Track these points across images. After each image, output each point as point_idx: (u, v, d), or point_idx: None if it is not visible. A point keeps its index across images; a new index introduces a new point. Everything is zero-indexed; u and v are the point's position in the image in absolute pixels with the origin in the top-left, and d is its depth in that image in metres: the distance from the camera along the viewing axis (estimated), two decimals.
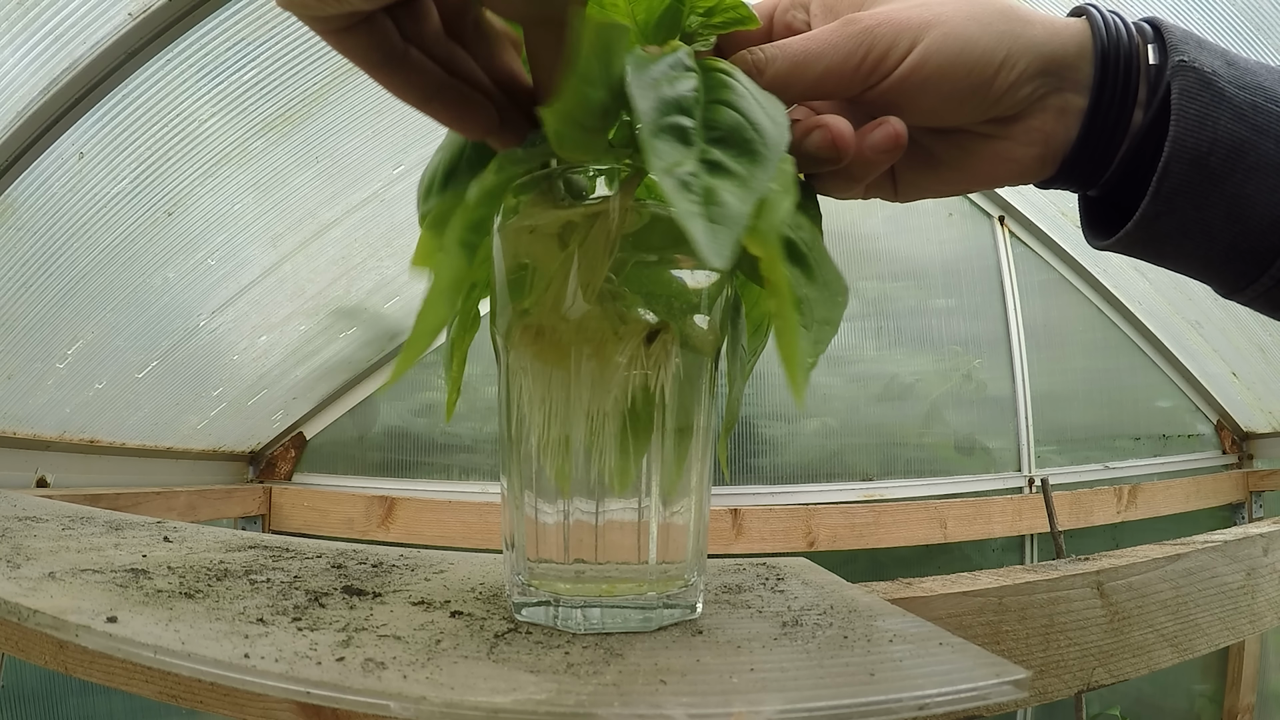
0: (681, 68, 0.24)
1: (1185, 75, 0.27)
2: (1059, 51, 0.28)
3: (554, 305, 0.27)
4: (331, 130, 0.84)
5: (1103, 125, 0.29)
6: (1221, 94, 0.27)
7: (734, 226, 0.20)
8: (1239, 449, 1.63)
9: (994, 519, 1.27)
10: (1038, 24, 0.28)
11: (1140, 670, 0.44)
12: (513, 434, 0.30)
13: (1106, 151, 0.30)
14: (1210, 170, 0.27)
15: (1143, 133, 0.29)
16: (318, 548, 0.44)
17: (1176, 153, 0.27)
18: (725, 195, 0.21)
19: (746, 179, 0.22)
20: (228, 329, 0.96)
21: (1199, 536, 0.52)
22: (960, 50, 0.27)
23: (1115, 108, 0.29)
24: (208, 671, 0.23)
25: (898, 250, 1.38)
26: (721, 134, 0.23)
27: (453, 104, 0.26)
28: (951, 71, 0.27)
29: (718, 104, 0.24)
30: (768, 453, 1.25)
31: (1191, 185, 0.27)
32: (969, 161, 0.31)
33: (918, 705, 0.22)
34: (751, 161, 0.22)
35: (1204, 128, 0.27)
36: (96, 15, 0.62)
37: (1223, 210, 0.27)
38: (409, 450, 1.21)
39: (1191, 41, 0.28)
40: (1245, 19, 0.99)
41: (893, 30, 0.27)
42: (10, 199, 0.68)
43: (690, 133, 0.23)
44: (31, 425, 0.82)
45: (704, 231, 0.20)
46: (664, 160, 0.21)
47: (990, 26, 0.27)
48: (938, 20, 0.27)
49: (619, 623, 0.28)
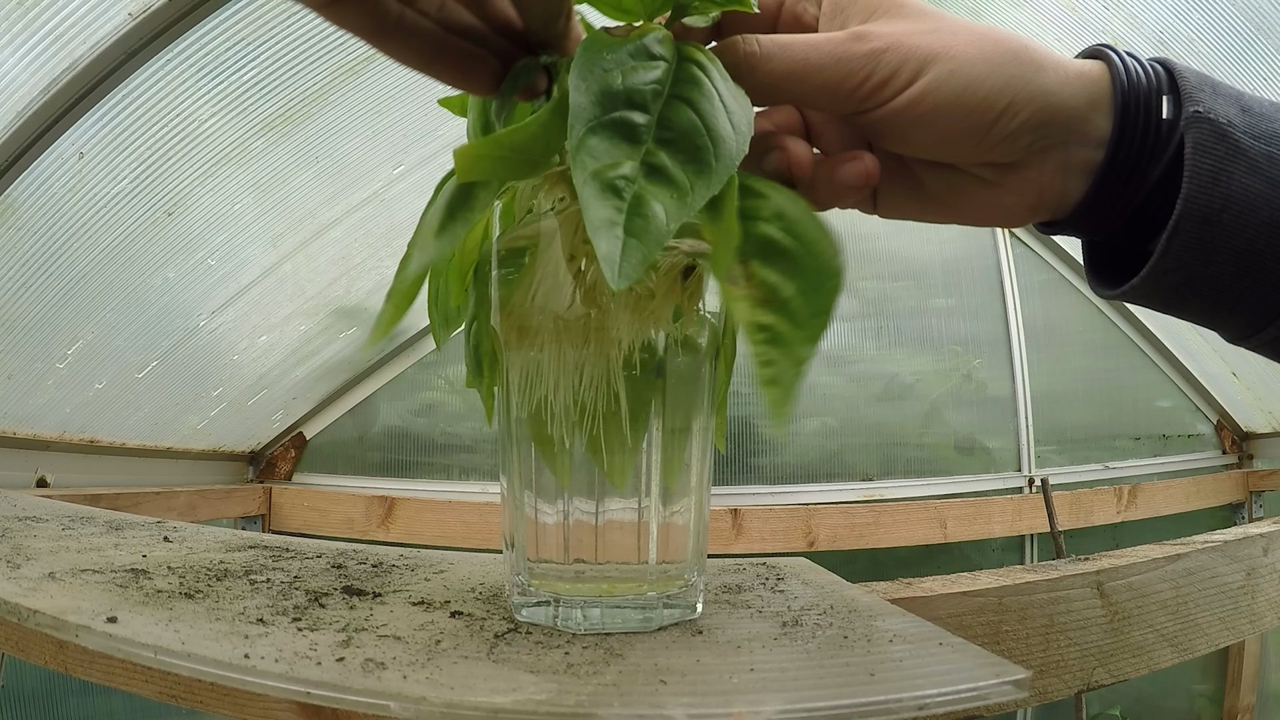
0: (646, 56, 0.23)
1: (1199, 128, 0.26)
2: (1068, 103, 0.27)
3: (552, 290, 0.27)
4: (331, 130, 0.84)
5: (1117, 182, 0.28)
6: (1236, 146, 0.26)
7: (651, 245, 0.19)
8: (1239, 449, 1.63)
9: (994, 519, 1.27)
10: (1050, 70, 0.27)
11: (1140, 670, 0.43)
12: (513, 433, 0.30)
13: (1120, 205, 0.29)
14: (1222, 227, 0.26)
15: (1155, 182, 0.28)
16: (318, 548, 0.44)
17: (1189, 211, 0.26)
18: (654, 207, 0.19)
19: (685, 192, 0.20)
20: (228, 329, 0.96)
21: (1199, 536, 0.52)
22: (963, 90, 0.26)
23: (1131, 166, 0.28)
24: (208, 671, 0.23)
25: (898, 250, 1.38)
26: (674, 135, 0.21)
27: (456, 62, 0.26)
28: (950, 111, 0.26)
29: (679, 100, 0.22)
30: (768, 452, 1.25)
31: (1202, 242, 0.26)
32: (957, 200, 0.30)
33: (918, 705, 0.22)
34: (696, 173, 0.21)
35: (1218, 184, 0.26)
36: (96, 15, 0.62)
37: (1232, 265, 0.26)
38: (409, 450, 1.21)
39: (1206, 87, 0.27)
40: (1245, 19, 0.99)
41: (899, 58, 0.26)
42: (10, 199, 0.68)
43: (640, 130, 0.21)
44: (31, 425, 0.82)
45: (614, 247, 0.18)
46: (597, 161, 0.20)
47: (999, 69, 0.26)
48: (946, 54, 0.26)
49: (619, 623, 0.28)
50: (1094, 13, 1.03)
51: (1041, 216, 0.30)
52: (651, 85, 0.22)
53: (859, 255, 1.36)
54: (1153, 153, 0.27)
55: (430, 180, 0.93)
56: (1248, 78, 1.03)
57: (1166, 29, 1.02)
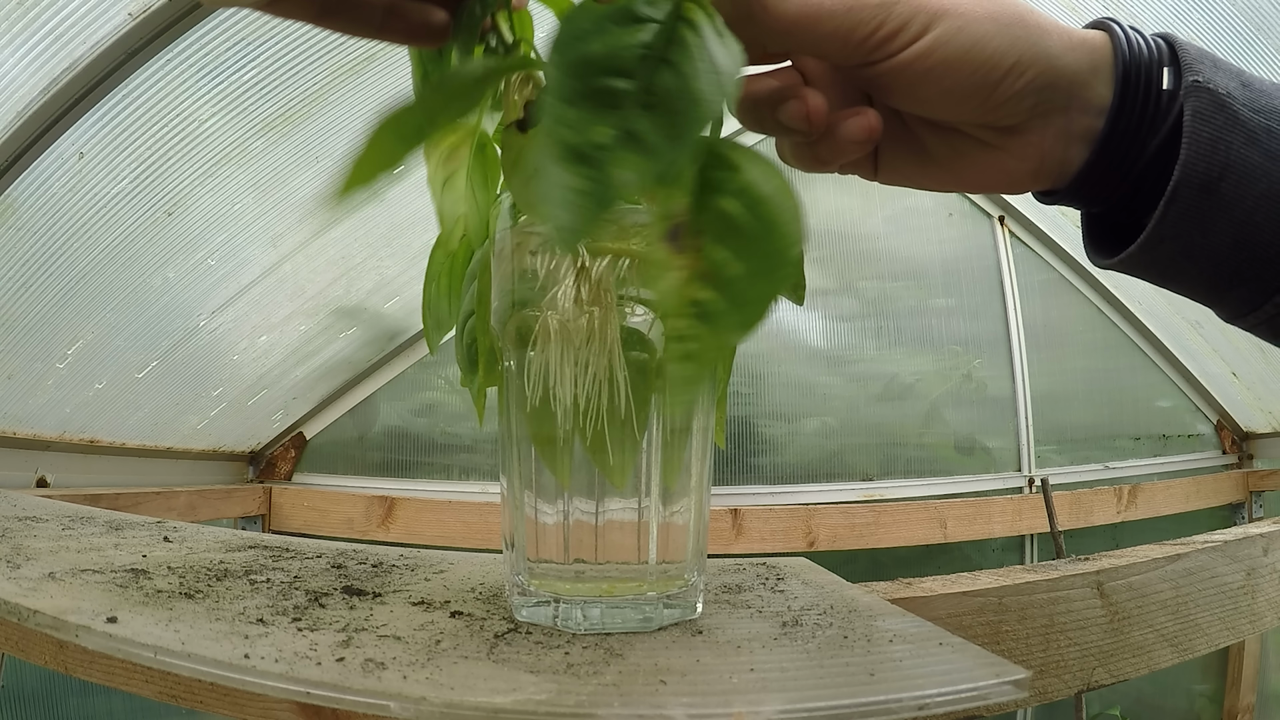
0: (631, 20, 0.21)
1: (1199, 96, 0.26)
2: (1071, 67, 0.27)
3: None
4: (331, 130, 0.84)
5: (1117, 151, 0.28)
6: (1235, 117, 0.26)
7: (600, 204, 0.18)
8: (1239, 449, 1.63)
9: (994, 519, 1.27)
10: (1054, 34, 0.27)
11: (1140, 670, 0.43)
12: (513, 433, 0.30)
13: (1119, 176, 0.29)
14: (1220, 196, 0.26)
15: (1153, 153, 0.28)
16: (318, 548, 0.44)
17: (1186, 177, 0.26)
18: (622, 173, 0.19)
19: (653, 152, 0.19)
20: (228, 329, 0.96)
21: (1199, 536, 0.52)
22: (970, 46, 0.26)
23: (1131, 135, 0.28)
24: (208, 672, 0.23)
25: (898, 250, 1.38)
26: (657, 99, 0.20)
27: (404, 23, 0.25)
28: (957, 67, 0.26)
29: (666, 64, 0.21)
30: (768, 452, 1.25)
31: (1199, 210, 0.26)
32: (959, 164, 0.30)
33: (918, 705, 0.22)
34: (668, 134, 0.20)
35: (1216, 152, 0.26)
36: (96, 15, 0.62)
37: (1230, 236, 0.27)
38: (409, 450, 1.21)
39: (1206, 61, 0.27)
40: (1245, 19, 0.99)
41: (910, 10, 0.26)
42: (10, 199, 0.68)
43: (622, 96, 0.20)
44: (31, 425, 0.82)
45: (573, 215, 0.18)
46: (569, 131, 0.19)
47: (1006, 28, 0.26)
48: (955, 10, 0.26)
49: (619, 623, 0.28)
50: (1094, 13, 1.03)
51: (1042, 184, 0.30)
52: (640, 49, 0.21)
53: (859, 255, 1.36)
54: (1152, 123, 0.28)
55: None
56: None
57: (1166, 29, 1.01)
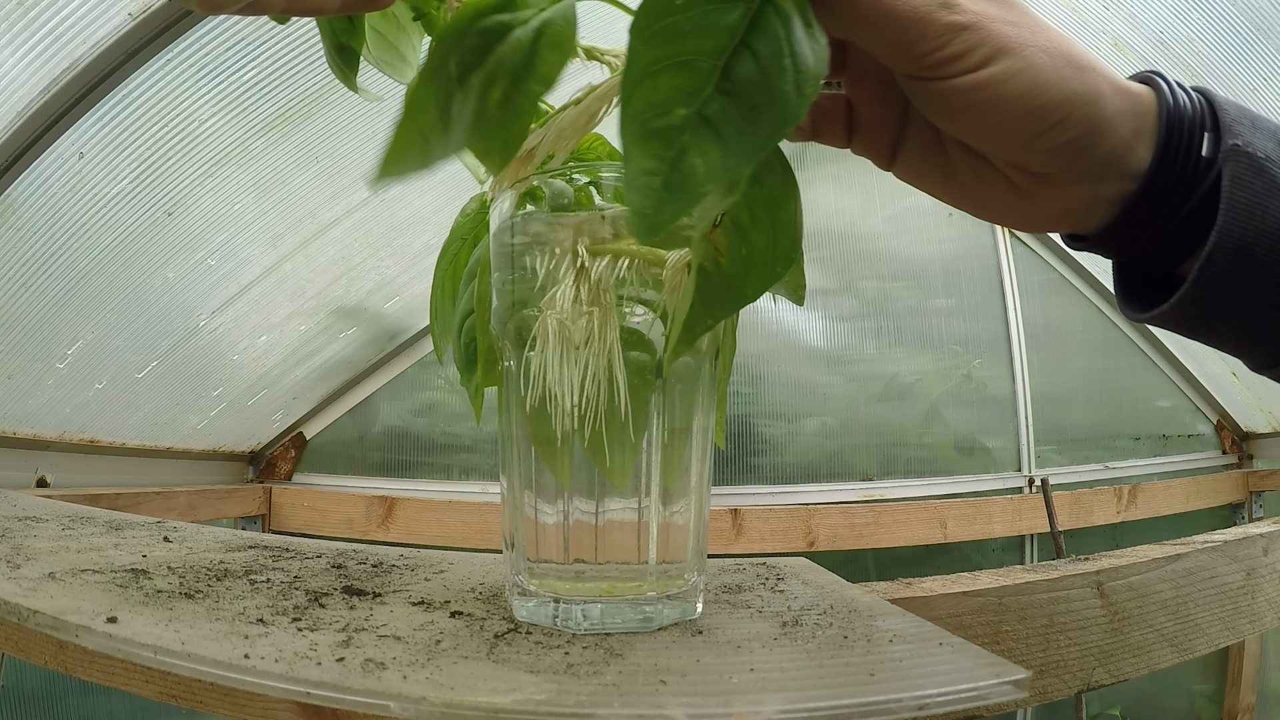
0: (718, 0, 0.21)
1: (1238, 161, 0.26)
2: (1118, 131, 0.27)
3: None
4: (331, 130, 0.84)
5: (1148, 212, 0.28)
6: (1274, 181, 0.26)
7: (684, 203, 0.18)
8: (1239, 449, 1.63)
9: (994, 519, 1.27)
10: (1109, 95, 0.27)
11: (1140, 670, 0.43)
12: (513, 433, 0.30)
13: (1147, 235, 0.29)
14: (1254, 260, 0.26)
15: (1185, 216, 0.28)
16: (318, 548, 0.44)
17: (1222, 243, 0.26)
18: (695, 162, 0.18)
19: (731, 149, 0.19)
20: (228, 329, 0.96)
21: (1199, 536, 0.52)
22: (1026, 91, 0.26)
23: (1164, 199, 0.28)
24: (208, 672, 0.23)
25: (898, 250, 1.38)
26: (734, 86, 0.20)
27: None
28: (1007, 107, 0.26)
29: (747, 50, 0.20)
30: (768, 452, 1.25)
31: (1233, 274, 0.27)
32: (981, 192, 0.30)
33: (918, 705, 0.22)
34: (746, 131, 0.19)
35: (1253, 217, 0.26)
36: (96, 15, 0.62)
37: (1261, 297, 0.27)
38: (409, 450, 1.21)
39: (1245, 121, 0.27)
40: (1245, 19, 0.99)
41: (977, 39, 0.26)
42: (10, 199, 0.68)
43: (701, 73, 0.19)
44: (31, 425, 0.82)
45: (649, 199, 0.18)
46: (649, 104, 0.18)
47: (1065, 82, 0.26)
48: (1021, 50, 0.26)
49: (619, 622, 0.28)
50: (1094, 13, 1.03)
51: (1062, 230, 0.30)
52: (723, 28, 0.20)
53: (859, 255, 1.36)
54: (1188, 188, 0.28)
55: (430, 179, 0.93)
56: (1248, 78, 1.03)
57: (1166, 29, 1.02)
